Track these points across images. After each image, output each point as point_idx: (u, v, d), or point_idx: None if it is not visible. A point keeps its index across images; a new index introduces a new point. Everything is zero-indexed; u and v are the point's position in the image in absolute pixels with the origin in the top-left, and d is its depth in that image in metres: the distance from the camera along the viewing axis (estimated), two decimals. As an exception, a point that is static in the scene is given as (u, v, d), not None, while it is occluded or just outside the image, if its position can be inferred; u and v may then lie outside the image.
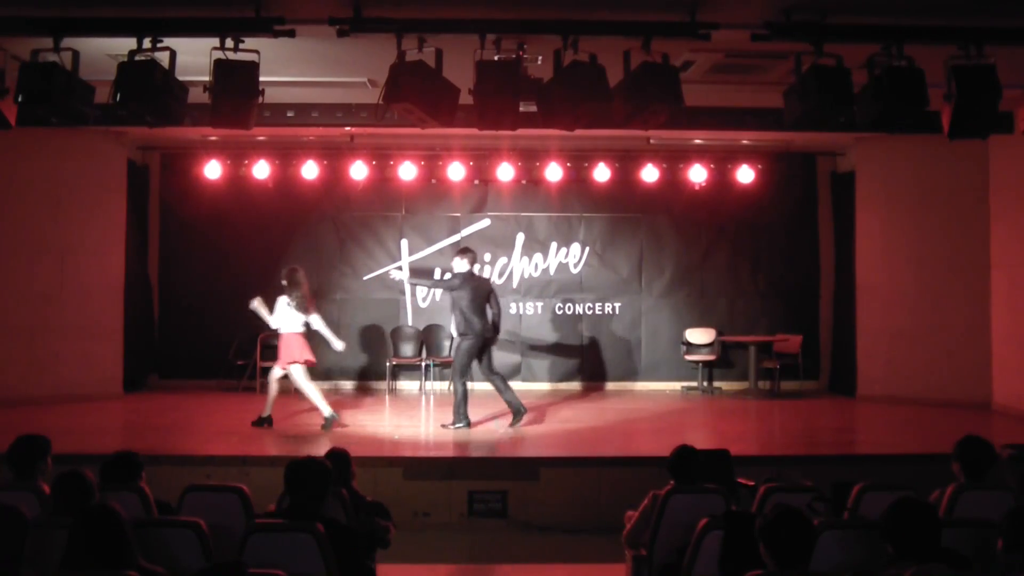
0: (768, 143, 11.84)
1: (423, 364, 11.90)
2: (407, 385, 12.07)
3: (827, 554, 3.63)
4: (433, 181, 12.07)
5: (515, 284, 12.26)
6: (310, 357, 8.64)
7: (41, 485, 4.33)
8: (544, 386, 12.10)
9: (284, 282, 8.73)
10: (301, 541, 3.69)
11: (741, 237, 12.36)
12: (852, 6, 6.20)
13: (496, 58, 6.46)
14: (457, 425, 8.85)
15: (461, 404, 8.91)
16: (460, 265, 9.07)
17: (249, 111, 6.67)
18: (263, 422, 8.81)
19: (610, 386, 12.15)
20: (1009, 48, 6.45)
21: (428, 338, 12.09)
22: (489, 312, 9.03)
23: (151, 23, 6.29)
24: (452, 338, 11.64)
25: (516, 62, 6.53)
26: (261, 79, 6.50)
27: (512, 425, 8.89)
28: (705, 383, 12.02)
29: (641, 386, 12.19)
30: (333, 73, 8.24)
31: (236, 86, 6.44)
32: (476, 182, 12.15)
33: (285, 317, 8.61)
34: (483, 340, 8.96)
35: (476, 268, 9.40)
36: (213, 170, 11.74)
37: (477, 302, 8.93)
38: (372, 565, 4.65)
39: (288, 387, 8.93)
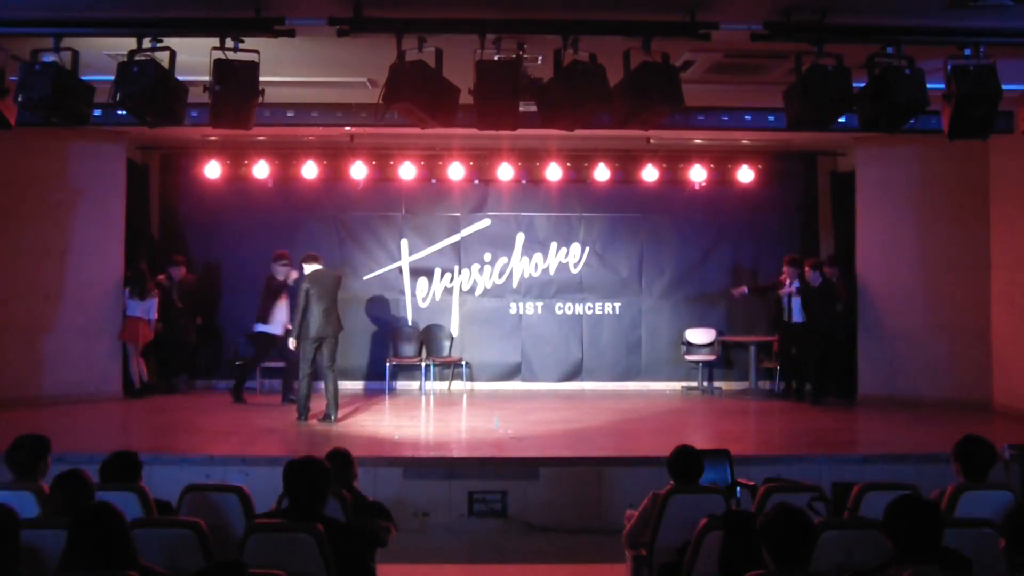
0: (768, 143, 11.82)
1: (423, 364, 11.89)
2: (407, 385, 12.07)
3: (827, 554, 3.63)
4: (433, 181, 12.07)
5: (515, 284, 12.26)
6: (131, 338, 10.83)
7: (41, 485, 4.34)
8: (544, 386, 12.09)
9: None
10: (301, 541, 3.69)
11: (741, 237, 12.34)
12: (852, 6, 6.20)
13: (496, 58, 6.46)
14: (301, 421, 9.00)
15: (305, 399, 9.07)
16: (304, 270, 9.26)
17: (249, 111, 6.67)
18: (145, 390, 10.84)
19: (610, 386, 12.13)
20: (1009, 48, 6.46)
21: (428, 338, 12.08)
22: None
23: (151, 23, 6.29)
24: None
25: (516, 62, 6.53)
26: (261, 79, 6.50)
27: (302, 418, 9.09)
28: (705, 383, 12.01)
29: (641, 386, 12.17)
30: (333, 73, 8.23)
31: (236, 86, 6.44)
32: (476, 182, 12.14)
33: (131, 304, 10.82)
34: (321, 339, 9.09)
35: (312, 267, 9.29)
36: (213, 170, 11.74)
37: (328, 298, 9.11)
38: (372, 565, 4.65)
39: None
